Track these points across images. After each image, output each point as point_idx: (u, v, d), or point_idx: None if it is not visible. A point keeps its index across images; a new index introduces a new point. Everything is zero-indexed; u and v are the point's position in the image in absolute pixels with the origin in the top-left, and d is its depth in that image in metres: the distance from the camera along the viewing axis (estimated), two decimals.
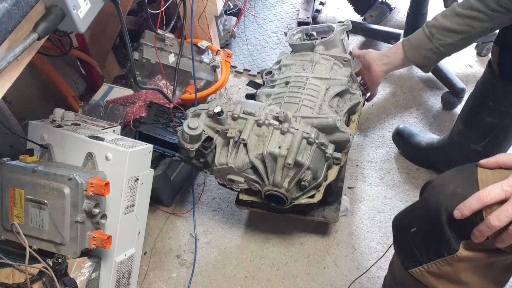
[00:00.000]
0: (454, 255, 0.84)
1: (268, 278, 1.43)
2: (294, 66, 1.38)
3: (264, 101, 1.32)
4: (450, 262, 0.86)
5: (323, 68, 1.35)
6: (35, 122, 1.25)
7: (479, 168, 0.86)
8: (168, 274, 1.47)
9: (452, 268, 0.87)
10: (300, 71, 1.35)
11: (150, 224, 1.57)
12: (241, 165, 1.22)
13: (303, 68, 1.36)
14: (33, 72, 1.62)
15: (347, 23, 1.42)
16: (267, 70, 1.43)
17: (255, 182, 1.26)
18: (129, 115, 1.51)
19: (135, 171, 1.20)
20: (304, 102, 1.26)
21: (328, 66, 1.35)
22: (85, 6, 0.86)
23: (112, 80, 1.93)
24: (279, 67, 1.42)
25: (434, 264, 0.88)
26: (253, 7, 2.35)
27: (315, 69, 1.34)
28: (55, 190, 1.09)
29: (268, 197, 1.27)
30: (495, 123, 1.32)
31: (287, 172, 1.20)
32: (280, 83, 1.35)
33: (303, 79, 1.31)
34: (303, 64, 1.37)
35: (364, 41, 2.13)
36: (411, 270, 0.93)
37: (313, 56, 1.37)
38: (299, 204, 1.28)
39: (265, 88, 1.39)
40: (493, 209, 0.77)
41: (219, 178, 1.30)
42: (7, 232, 1.15)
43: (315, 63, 1.35)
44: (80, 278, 1.09)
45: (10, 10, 0.74)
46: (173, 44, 1.75)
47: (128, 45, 1.10)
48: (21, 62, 0.82)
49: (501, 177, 0.81)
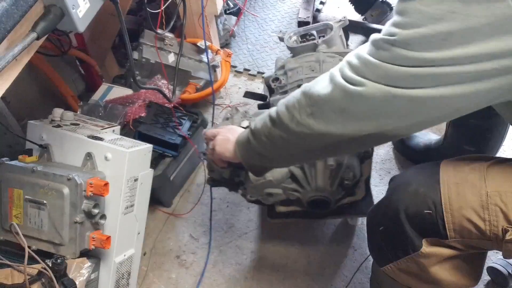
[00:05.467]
0: (418, 252, 0.88)
1: (268, 278, 1.42)
2: (301, 68, 1.36)
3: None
4: (415, 259, 0.89)
5: (329, 66, 1.34)
6: (34, 122, 1.25)
7: (442, 167, 0.88)
8: (167, 275, 1.46)
9: (419, 265, 0.90)
10: (309, 72, 1.34)
11: (150, 224, 1.57)
12: (280, 177, 1.19)
13: (311, 69, 1.35)
14: (32, 72, 1.61)
15: (344, 19, 1.42)
16: (272, 77, 1.40)
17: (294, 191, 1.23)
18: (128, 115, 1.51)
19: (135, 171, 1.20)
20: None
21: (335, 64, 1.34)
22: (84, 5, 0.85)
23: (112, 80, 1.93)
24: (284, 72, 1.39)
25: (402, 262, 0.92)
26: (253, 6, 2.35)
27: (323, 68, 1.34)
28: (54, 190, 1.08)
29: (311, 204, 1.24)
30: (479, 124, 1.32)
31: (328, 174, 1.19)
32: (292, 88, 1.33)
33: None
34: (310, 65, 1.36)
35: (365, 40, 2.12)
36: (384, 268, 0.96)
37: (318, 56, 1.36)
38: (342, 205, 1.27)
39: (277, 95, 1.36)
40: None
41: (253, 194, 1.26)
42: (6, 232, 1.15)
43: (322, 62, 1.35)
44: (79, 278, 1.08)
45: (9, 9, 0.74)
46: (172, 43, 1.74)
47: (128, 44, 1.10)
48: (20, 62, 0.82)
49: (462, 177, 0.85)
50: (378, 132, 0.77)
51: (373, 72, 0.71)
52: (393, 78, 0.70)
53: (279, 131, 0.86)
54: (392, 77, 0.70)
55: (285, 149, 0.90)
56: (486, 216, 0.81)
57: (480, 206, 0.81)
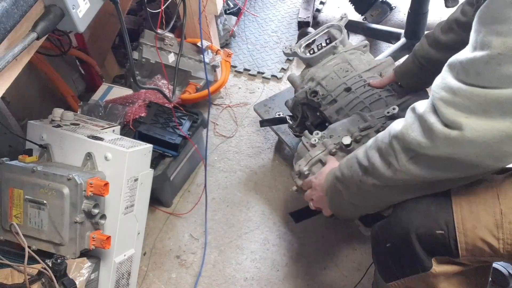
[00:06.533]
0: (429, 271, 0.85)
1: (268, 278, 1.42)
2: (333, 73, 1.35)
3: (337, 116, 1.29)
4: (425, 278, 0.87)
5: (357, 62, 1.37)
6: (34, 122, 1.25)
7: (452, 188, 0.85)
8: (167, 275, 1.46)
9: (428, 283, 0.88)
10: (346, 74, 1.34)
11: (150, 224, 1.57)
12: None
13: (345, 70, 1.35)
14: (32, 72, 1.62)
15: (345, 16, 1.44)
16: (310, 91, 1.34)
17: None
18: (128, 115, 1.51)
19: (135, 171, 1.20)
20: (381, 94, 1.29)
21: (358, 58, 1.37)
22: (84, 5, 0.85)
23: (112, 80, 1.93)
24: (316, 83, 1.36)
25: (410, 280, 0.89)
26: (253, 6, 2.35)
27: (354, 65, 1.35)
28: (54, 190, 1.08)
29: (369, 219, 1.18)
30: None
31: None
32: (340, 94, 1.31)
33: (358, 78, 1.31)
34: (341, 67, 1.36)
35: (365, 40, 2.12)
36: (390, 284, 0.94)
37: (342, 56, 1.37)
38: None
39: (327, 106, 1.33)
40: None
41: None
42: (6, 232, 1.15)
43: (349, 61, 1.35)
44: (79, 278, 1.08)
45: (9, 9, 0.74)
46: (172, 43, 1.74)
47: (128, 44, 1.10)
48: (20, 62, 0.82)
49: (474, 194, 0.82)
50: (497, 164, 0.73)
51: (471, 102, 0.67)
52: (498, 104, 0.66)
53: (372, 179, 0.85)
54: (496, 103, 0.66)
55: (379, 197, 0.89)
56: (500, 235, 0.79)
57: (494, 225, 0.79)
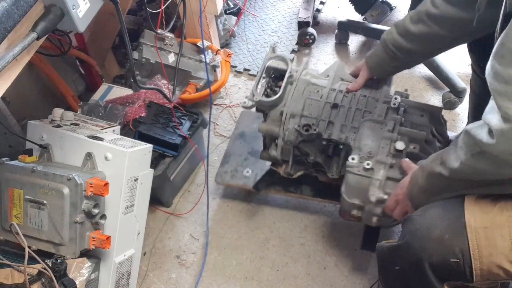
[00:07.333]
0: None
1: (268, 278, 1.42)
2: (308, 100, 1.33)
3: (346, 134, 1.28)
4: None
5: (315, 79, 1.37)
6: (34, 122, 1.25)
7: (466, 208, 0.84)
8: (167, 275, 1.46)
9: None
10: (319, 94, 1.33)
11: (150, 224, 1.57)
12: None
13: (315, 91, 1.34)
14: (32, 72, 1.61)
15: (274, 45, 1.39)
16: (302, 128, 1.28)
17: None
18: (128, 115, 1.51)
19: (135, 171, 1.20)
20: (364, 93, 1.34)
21: (312, 75, 1.38)
22: (84, 5, 0.85)
23: (112, 80, 1.93)
24: (300, 116, 1.31)
25: None
26: (253, 6, 2.34)
27: (318, 83, 1.36)
28: (54, 190, 1.08)
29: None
30: None
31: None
32: (331, 114, 1.31)
33: (334, 92, 1.33)
34: (309, 91, 1.34)
35: (365, 40, 2.12)
36: None
37: (302, 81, 1.35)
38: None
39: (327, 131, 1.30)
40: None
41: None
42: (6, 232, 1.15)
43: (310, 82, 1.35)
44: (79, 278, 1.08)
45: (9, 9, 0.74)
46: (172, 43, 1.74)
47: (128, 44, 1.10)
48: (20, 62, 0.82)
49: (489, 219, 0.81)
50: None
51: None
52: None
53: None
54: None
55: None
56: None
57: (510, 251, 0.79)
